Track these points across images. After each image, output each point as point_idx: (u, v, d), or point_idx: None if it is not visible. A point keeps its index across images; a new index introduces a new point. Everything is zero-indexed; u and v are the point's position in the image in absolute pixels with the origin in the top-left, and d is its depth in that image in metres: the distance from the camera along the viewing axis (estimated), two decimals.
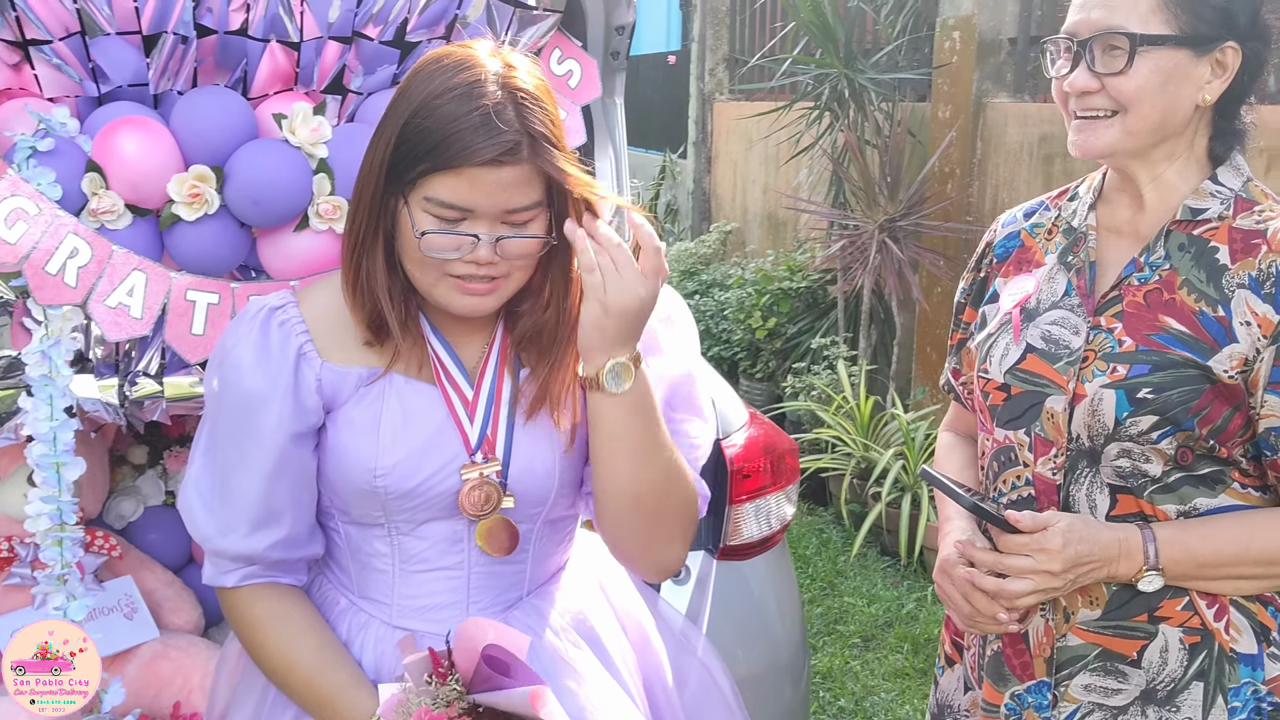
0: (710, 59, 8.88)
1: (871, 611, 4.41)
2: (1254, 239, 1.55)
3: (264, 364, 1.56)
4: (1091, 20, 1.55)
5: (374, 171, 1.50)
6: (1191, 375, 1.54)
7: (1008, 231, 1.82)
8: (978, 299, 1.84)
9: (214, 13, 1.84)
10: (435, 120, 1.43)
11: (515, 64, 1.49)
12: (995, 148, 5.04)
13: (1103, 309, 1.63)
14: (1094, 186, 1.73)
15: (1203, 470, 1.59)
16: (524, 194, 1.46)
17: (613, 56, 2.26)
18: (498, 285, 1.52)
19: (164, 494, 2.34)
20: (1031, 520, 1.57)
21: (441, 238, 1.47)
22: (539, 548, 1.69)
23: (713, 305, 6.89)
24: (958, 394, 1.91)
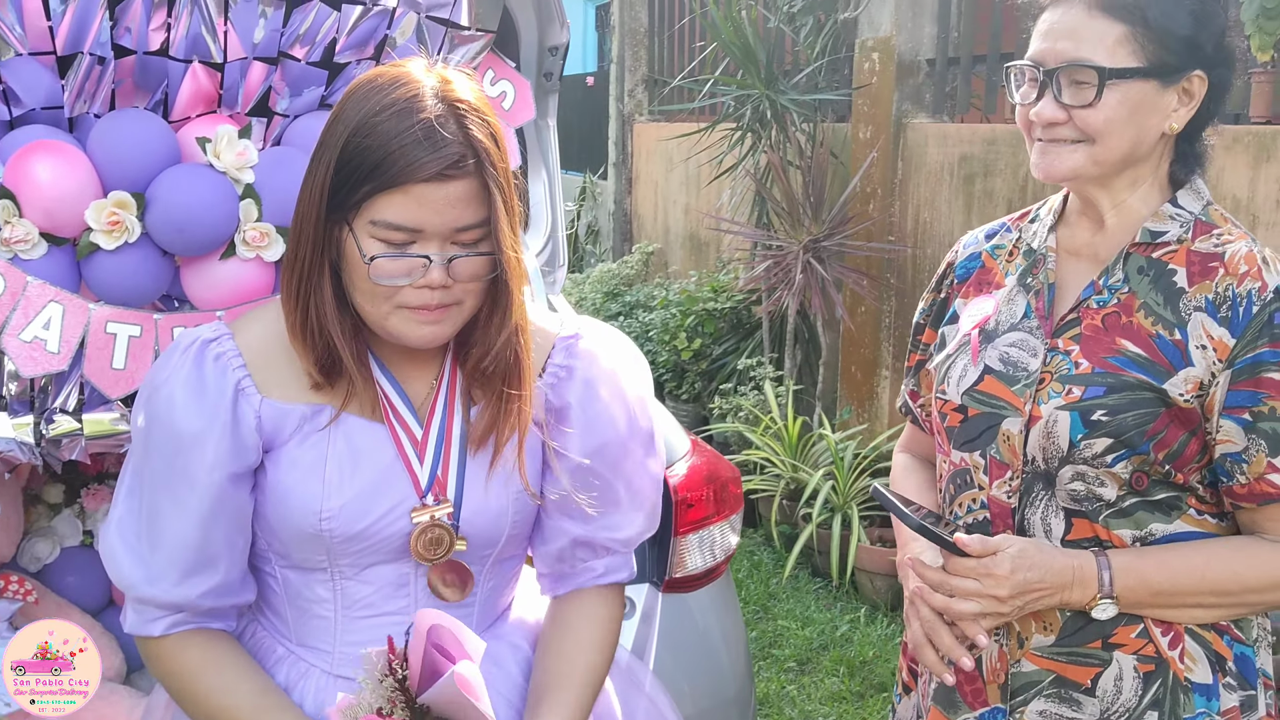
0: (629, 80, 8.88)
1: (806, 635, 4.38)
2: (1211, 262, 1.55)
3: (199, 400, 1.48)
4: (1058, 51, 1.54)
5: (314, 199, 1.43)
6: (1147, 398, 1.53)
7: (969, 252, 1.81)
8: (938, 320, 1.82)
9: (133, 33, 1.77)
10: (375, 138, 1.37)
11: (452, 78, 1.44)
12: (916, 168, 5.08)
13: (1061, 331, 1.62)
14: (1054, 209, 1.72)
15: (1158, 495, 1.57)
16: (473, 210, 1.40)
17: (546, 78, 2.22)
18: (450, 312, 1.46)
19: (81, 534, 2.24)
20: (980, 544, 1.55)
21: (392, 262, 1.40)
22: (487, 589, 1.63)
23: (637, 326, 6.86)
24: (915, 416, 1.89)
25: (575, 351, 1.61)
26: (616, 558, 1.68)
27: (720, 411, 5.64)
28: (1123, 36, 1.51)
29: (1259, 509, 1.54)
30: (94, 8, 1.71)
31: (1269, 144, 3.38)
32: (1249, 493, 1.53)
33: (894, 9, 5.07)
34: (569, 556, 1.66)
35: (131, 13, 1.74)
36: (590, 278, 8.00)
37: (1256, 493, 1.53)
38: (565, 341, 1.62)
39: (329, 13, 1.86)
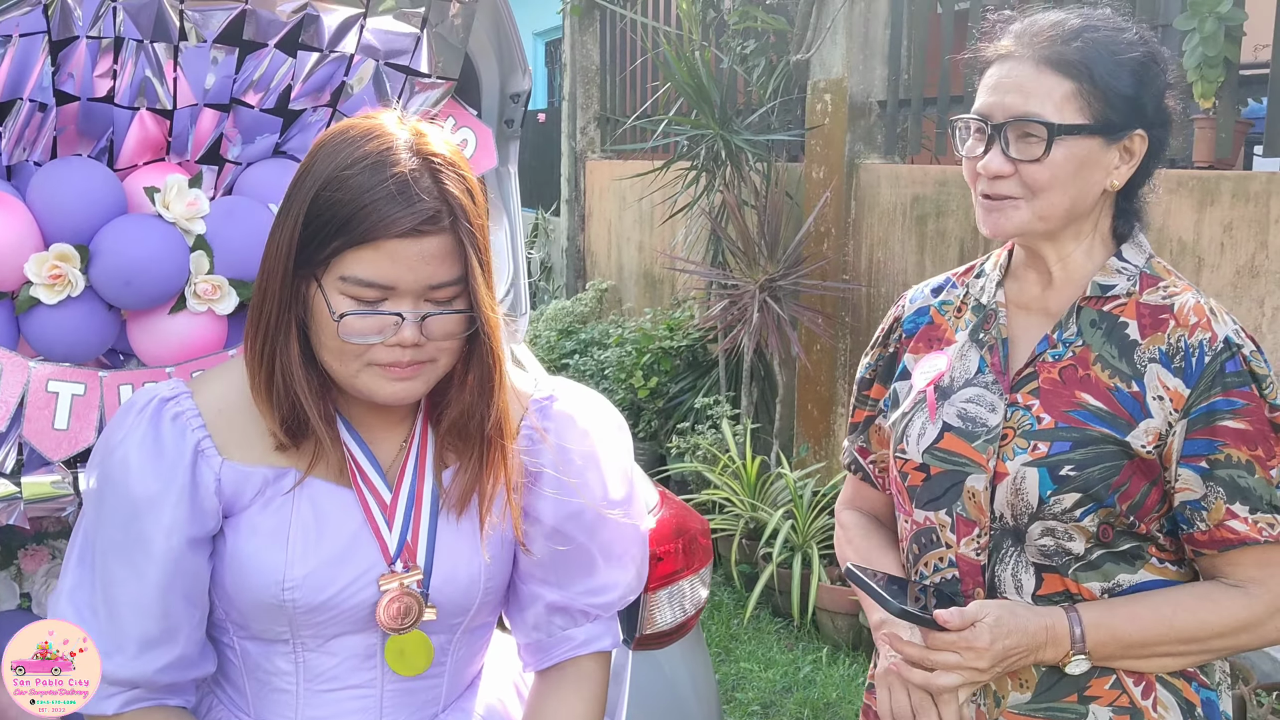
0: (581, 117, 8.87)
1: (769, 677, 4.33)
2: (1161, 314, 1.57)
3: (155, 462, 1.41)
4: (1007, 105, 1.54)
5: (281, 254, 1.37)
6: (1111, 451, 1.53)
7: (916, 307, 1.80)
8: (886, 375, 1.80)
9: (76, 78, 1.70)
10: (347, 192, 1.32)
11: (426, 131, 1.39)
12: (869, 208, 5.09)
13: (1018, 386, 1.61)
14: (1000, 263, 1.72)
15: (1123, 546, 1.57)
16: (447, 267, 1.35)
17: (507, 124, 2.18)
18: (423, 369, 1.40)
19: (19, 597, 2.15)
20: (960, 618, 1.53)
21: (361, 320, 1.34)
22: (457, 659, 1.56)
23: (592, 365, 6.81)
24: (866, 473, 1.86)
25: (550, 413, 1.56)
26: (598, 624, 1.62)
27: (678, 450, 5.59)
28: (1070, 93, 1.52)
29: (1220, 555, 1.55)
30: (34, 52, 1.64)
31: (1212, 188, 3.43)
32: (1210, 539, 1.54)
33: (845, 51, 5.10)
34: (545, 624, 1.60)
35: (75, 58, 1.68)
36: (544, 315, 7.94)
37: (1217, 539, 1.54)
38: (539, 404, 1.57)
39: (284, 59, 1.81)
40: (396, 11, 1.83)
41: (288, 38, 1.80)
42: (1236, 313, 3.35)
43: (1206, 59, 3.40)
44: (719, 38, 6.04)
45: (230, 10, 1.74)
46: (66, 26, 1.65)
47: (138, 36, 1.70)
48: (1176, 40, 3.58)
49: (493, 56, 2.07)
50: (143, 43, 1.70)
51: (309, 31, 1.80)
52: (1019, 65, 1.55)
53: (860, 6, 5.07)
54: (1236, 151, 3.69)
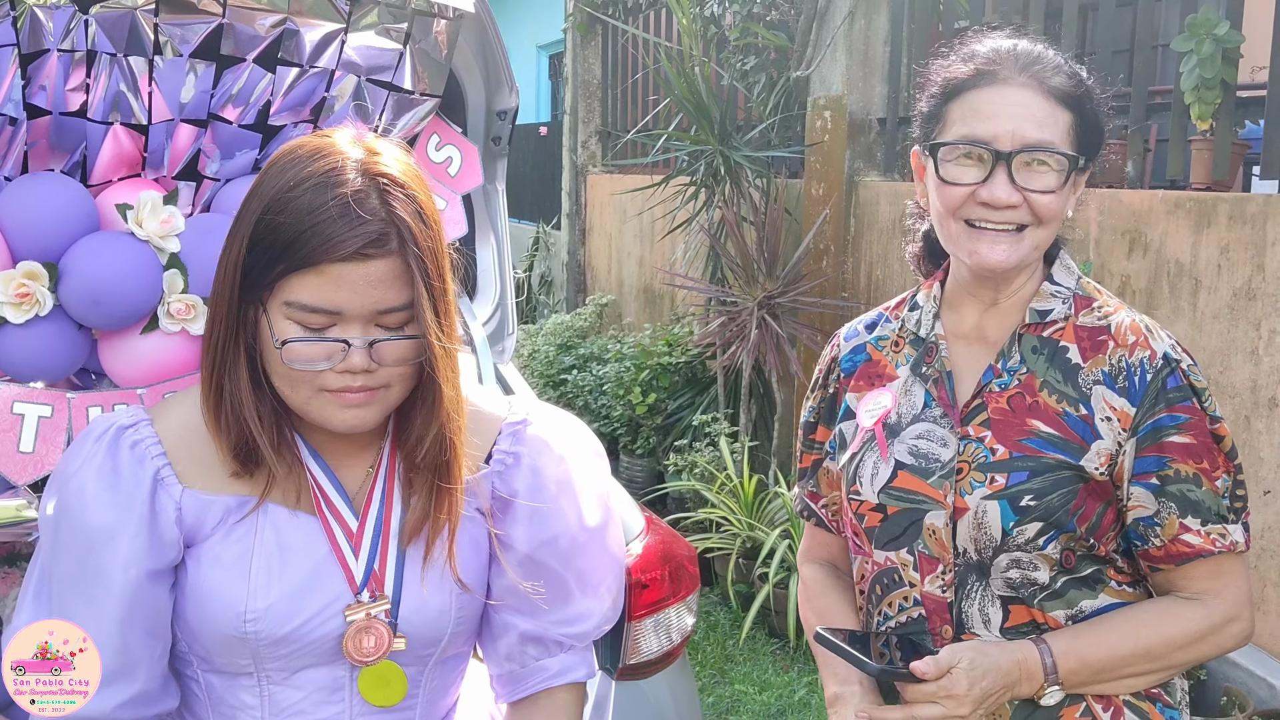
0: (583, 131, 8.84)
1: (764, 700, 4.28)
2: (1099, 335, 1.58)
3: (113, 492, 1.36)
4: (1020, 134, 1.51)
5: (228, 278, 1.33)
6: (1066, 477, 1.53)
7: (852, 345, 1.77)
8: (829, 417, 1.78)
9: (48, 91, 1.66)
10: (290, 214, 1.28)
11: (379, 149, 1.34)
12: (868, 225, 5.06)
13: (969, 418, 1.60)
14: (933, 295, 1.70)
15: (1084, 571, 1.57)
16: (396, 292, 1.30)
17: (494, 142, 2.13)
18: (376, 395, 1.35)
19: None
20: (935, 667, 1.50)
21: (306, 346, 1.30)
22: (430, 690, 1.51)
23: (591, 380, 6.76)
24: (819, 518, 1.83)
25: (523, 438, 1.52)
26: (572, 654, 1.57)
27: (676, 468, 5.55)
28: (1070, 125, 1.53)
29: (1176, 569, 1.56)
30: (4, 65, 1.60)
31: (1209, 210, 3.41)
32: (1165, 554, 1.55)
33: (845, 69, 5.08)
34: (518, 654, 1.55)
35: (46, 71, 1.64)
36: (544, 329, 7.90)
37: (1173, 553, 1.55)
38: (513, 428, 1.52)
39: (262, 74, 1.77)
40: (379, 27, 1.79)
41: (266, 52, 1.76)
42: (1232, 335, 3.32)
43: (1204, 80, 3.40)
44: (720, 53, 6.02)
45: (207, 24, 1.70)
46: (36, 39, 1.61)
47: (111, 50, 1.66)
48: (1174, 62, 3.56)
49: (478, 73, 2.04)
50: (116, 56, 1.66)
51: (288, 46, 1.77)
52: (1023, 92, 1.52)
53: (860, 24, 5.05)
54: (1234, 173, 3.67)
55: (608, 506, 1.57)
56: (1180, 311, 3.45)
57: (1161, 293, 3.53)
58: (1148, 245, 3.57)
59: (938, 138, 1.57)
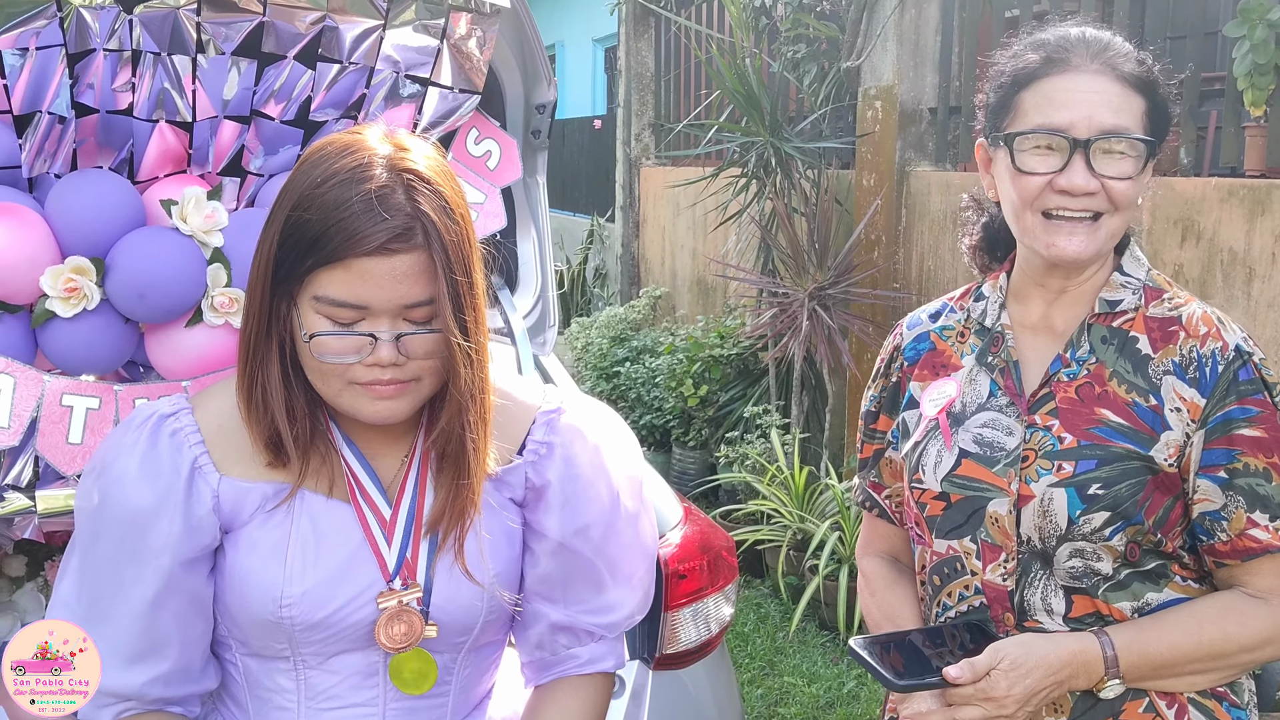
0: (636, 124, 8.85)
1: (812, 691, 4.27)
2: (1170, 326, 1.57)
3: (151, 479, 1.40)
4: (1097, 121, 1.50)
5: (260, 273, 1.37)
6: (1136, 467, 1.52)
7: (915, 334, 1.77)
8: (891, 406, 1.77)
9: (95, 90, 1.70)
10: (317, 210, 1.30)
11: (408, 145, 1.36)
12: (919, 215, 5.02)
13: (1036, 407, 1.59)
14: (999, 285, 1.69)
15: (1149, 565, 1.56)
16: (421, 286, 1.32)
17: (533, 135, 2.14)
18: (407, 389, 1.37)
19: (44, 608, 2.14)
20: (970, 672, 1.49)
21: (335, 340, 1.33)
22: (462, 677, 1.54)
23: (644, 372, 6.78)
24: (883, 509, 1.81)
25: (556, 427, 1.53)
26: (602, 644, 1.59)
27: (727, 460, 5.55)
28: (1144, 112, 1.53)
29: (1241, 564, 1.54)
30: (52, 65, 1.64)
31: (1263, 197, 3.35)
32: (1231, 549, 1.53)
33: (896, 58, 5.04)
34: (549, 643, 1.57)
35: (93, 70, 1.68)
36: (597, 322, 7.93)
37: (1239, 549, 1.53)
38: (546, 417, 1.54)
39: (303, 70, 1.80)
40: (416, 24, 1.81)
41: (307, 49, 1.78)
42: None
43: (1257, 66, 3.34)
44: (771, 44, 5.99)
45: (249, 22, 1.72)
46: (83, 39, 1.64)
47: (155, 49, 1.69)
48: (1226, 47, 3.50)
49: (516, 67, 2.05)
50: (160, 55, 1.70)
51: (328, 43, 1.79)
52: (1098, 79, 1.51)
53: (911, 13, 5.01)
54: None
55: (641, 496, 1.58)
56: (1234, 300, 3.39)
57: (1215, 281, 3.47)
58: (1200, 233, 3.51)
59: (1010, 128, 1.55)
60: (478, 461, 1.43)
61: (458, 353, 1.35)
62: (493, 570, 1.48)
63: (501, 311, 2.18)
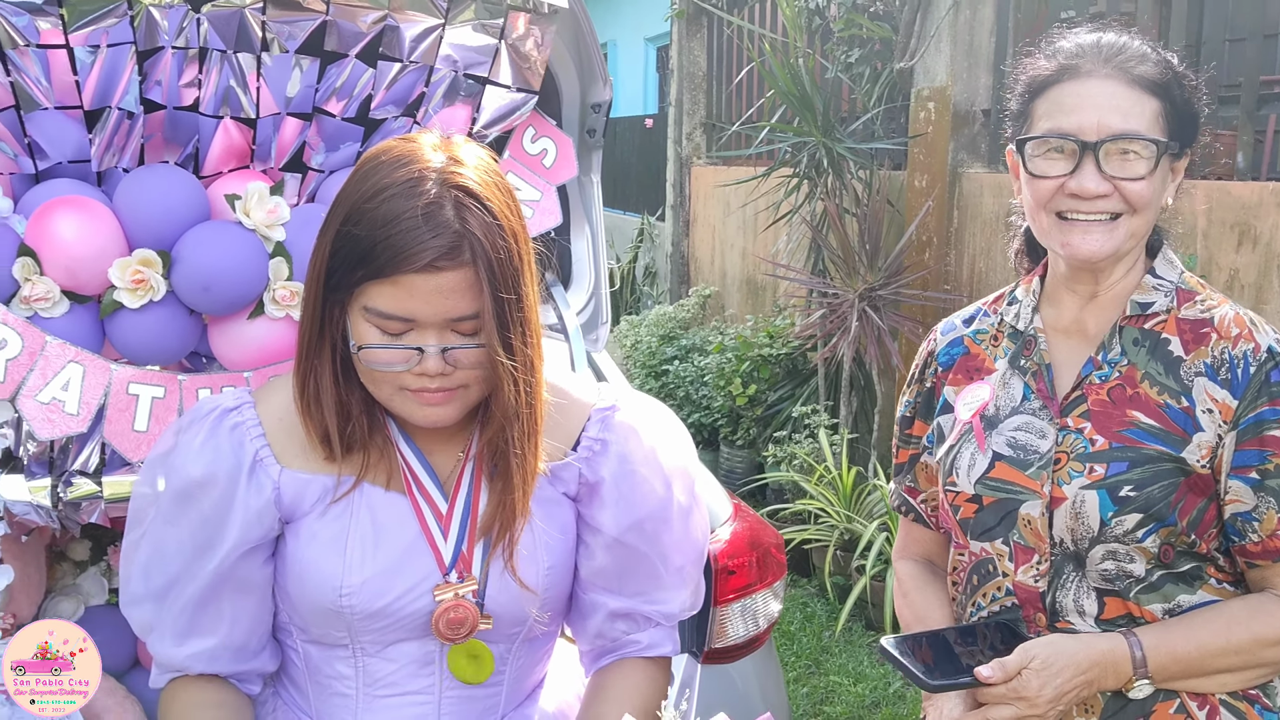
0: (688, 123, 8.85)
1: (858, 691, 4.27)
2: (1202, 328, 1.57)
3: (213, 470, 1.44)
4: (1105, 124, 1.52)
5: (314, 280, 1.40)
6: (1168, 469, 1.53)
7: (948, 339, 1.78)
8: (926, 411, 1.79)
9: (163, 87, 1.74)
10: (367, 225, 1.32)
11: (462, 158, 1.38)
12: (971, 217, 5.00)
13: (1068, 409, 1.60)
14: (1032, 289, 1.70)
15: (1183, 567, 1.56)
16: (468, 301, 1.34)
17: (589, 134, 2.16)
18: (455, 395, 1.40)
19: (107, 593, 2.19)
20: (1001, 671, 1.51)
21: (383, 352, 1.35)
22: (516, 667, 1.56)
23: (692, 371, 6.79)
24: (919, 513, 1.84)
25: (611, 424, 1.55)
26: (660, 630, 1.62)
27: (775, 459, 5.55)
28: (1158, 112, 1.54)
29: (1273, 565, 1.55)
30: (122, 62, 1.68)
31: None
32: (1263, 550, 1.54)
33: (950, 59, 5.02)
34: (608, 630, 1.60)
35: (161, 67, 1.72)
36: (647, 320, 7.95)
37: (1271, 549, 1.53)
38: (601, 414, 1.56)
39: (364, 69, 1.83)
40: (475, 23, 1.84)
41: (368, 48, 1.81)
42: None
43: None
44: (824, 45, 5.98)
45: (312, 21, 1.76)
46: (152, 37, 1.69)
47: (221, 47, 1.73)
48: None
49: (572, 66, 2.07)
50: (226, 53, 1.74)
51: (389, 42, 1.82)
52: (1107, 83, 1.54)
53: (965, 14, 4.98)
54: None
55: (693, 491, 1.60)
56: None
57: (1271, 286, 3.43)
58: (1257, 238, 3.48)
59: (1025, 134, 1.59)
60: (522, 473, 1.45)
61: (501, 369, 1.36)
62: (547, 564, 1.51)
63: (555, 308, 2.20)
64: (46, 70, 1.67)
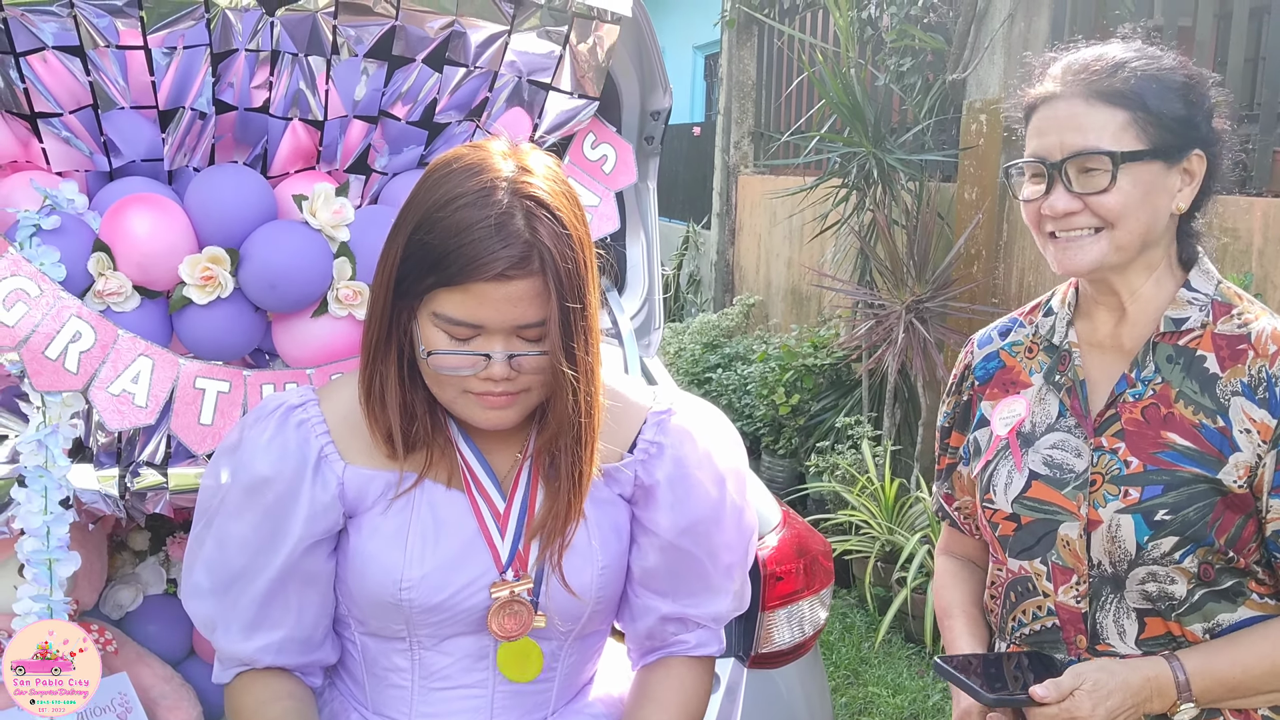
0: (735, 132, 8.86)
1: (897, 703, 4.26)
2: (1239, 344, 1.55)
3: (279, 465, 1.47)
4: (1065, 144, 1.54)
5: (384, 285, 1.42)
6: (1203, 490, 1.51)
7: (985, 353, 1.78)
8: (963, 423, 1.79)
9: (235, 88, 1.78)
10: (440, 234, 1.35)
11: (532, 167, 1.40)
12: (1021, 231, 4.97)
13: (1102, 429, 1.59)
14: (1067, 301, 1.70)
15: (1225, 584, 1.55)
16: (536, 309, 1.36)
17: (647, 141, 2.19)
18: (518, 399, 1.43)
19: (165, 582, 2.24)
20: (1056, 691, 1.51)
21: (451, 358, 1.38)
22: (568, 664, 1.59)
23: (735, 379, 6.80)
24: (953, 519, 1.85)
25: (667, 428, 1.57)
26: (706, 632, 1.64)
27: (817, 469, 5.55)
28: (1125, 122, 1.52)
29: None
30: (197, 64, 1.72)
31: None
32: None
33: (1002, 72, 5.00)
34: (659, 632, 1.63)
35: (234, 69, 1.75)
36: (690, 328, 7.96)
37: None
38: (657, 417, 1.58)
39: (430, 73, 1.86)
40: (540, 30, 1.86)
41: (434, 53, 1.84)
42: None
43: None
44: (875, 55, 5.98)
45: (381, 26, 1.79)
46: (226, 39, 1.72)
47: (293, 50, 1.76)
48: None
49: (634, 74, 2.09)
50: (297, 56, 1.77)
51: (455, 47, 1.85)
52: (1069, 103, 1.55)
53: (1020, 26, 4.96)
54: None
55: (745, 493, 1.62)
56: None
57: None
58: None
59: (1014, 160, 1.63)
60: (577, 477, 1.47)
61: (562, 379, 1.39)
62: (600, 564, 1.53)
63: (610, 312, 2.23)
64: (124, 70, 1.71)
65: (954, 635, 1.76)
